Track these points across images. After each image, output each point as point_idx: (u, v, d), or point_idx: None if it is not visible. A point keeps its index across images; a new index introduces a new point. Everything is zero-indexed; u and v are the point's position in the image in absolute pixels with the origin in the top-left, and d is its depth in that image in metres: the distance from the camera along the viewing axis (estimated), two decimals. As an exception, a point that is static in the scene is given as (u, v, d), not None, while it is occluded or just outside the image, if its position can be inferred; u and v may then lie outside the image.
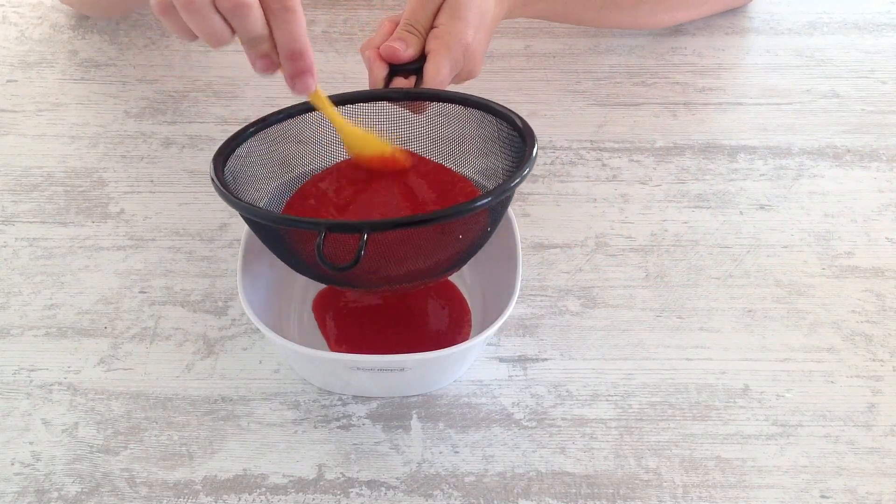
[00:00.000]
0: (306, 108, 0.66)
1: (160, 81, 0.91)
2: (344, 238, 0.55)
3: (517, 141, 0.63)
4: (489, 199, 0.57)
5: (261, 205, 0.64)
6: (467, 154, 0.67)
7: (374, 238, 0.54)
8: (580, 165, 0.83)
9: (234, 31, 0.54)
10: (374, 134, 0.65)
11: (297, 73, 0.57)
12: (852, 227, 0.78)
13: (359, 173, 0.66)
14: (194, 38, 0.55)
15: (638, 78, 0.92)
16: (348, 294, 0.71)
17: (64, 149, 0.84)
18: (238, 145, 0.64)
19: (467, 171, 0.67)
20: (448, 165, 0.67)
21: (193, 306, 0.72)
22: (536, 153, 0.60)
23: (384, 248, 0.57)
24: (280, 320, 0.69)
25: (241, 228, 0.72)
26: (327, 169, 0.67)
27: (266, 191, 0.65)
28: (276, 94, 0.88)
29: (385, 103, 0.68)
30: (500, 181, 0.63)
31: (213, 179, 0.59)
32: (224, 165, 0.62)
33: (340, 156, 0.68)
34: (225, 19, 0.53)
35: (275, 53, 0.56)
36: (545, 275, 0.74)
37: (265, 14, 0.54)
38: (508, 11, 0.79)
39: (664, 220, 0.78)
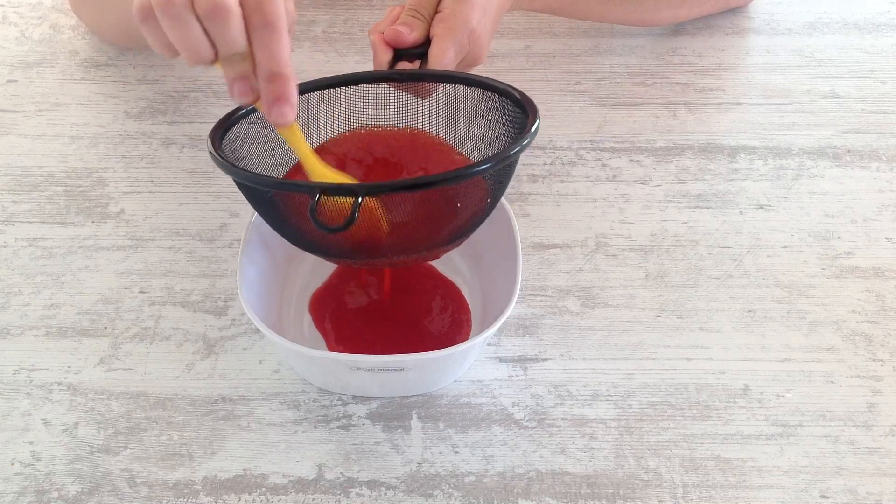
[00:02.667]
0: (309, 87, 0.66)
1: (160, 81, 0.91)
2: (339, 202, 0.55)
3: (520, 117, 0.62)
4: (488, 164, 0.56)
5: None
6: (471, 133, 0.67)
7: (369, 202, 0.54)
8: (580, 165, 0.83)
9: (214, 48, 0.52)
10: (345, 175, 0.62)
11: (275, 99, 0.52)
12: (852, 227, 0.78)
13: (358, 146, 0.66)
14: (174, 53, 0.53)
15: (638, 78, 0.92)
16: (345, 294, 0.71)
17: (64, 149, 0.84)
18: (237, 121, 0.63)
19: (471, 150, 0.67)
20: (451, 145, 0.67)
21: (193, 306, 0.72)
22: (538, 124, 0.59)
23: (380, 215, 0.57)
24: (280, 320, 0.69)
25: (241, 228, 0.72)
26: (326, 142, 0.67)
27: (266, 167, 0.65)
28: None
29: (388, 87, 0.68)
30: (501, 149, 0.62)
31: (210, 152, 0.59)
32: (222, 138, 0.61)
33: (339, 130, 0.68)
34: (205, 31, 0.51)
35: (254, 78, 0.53)
36: (545, 275, 0.74)
37: (247, 31, 0.51)
38: (516, 1, 0.79)
39: (664, 220, 0.78)
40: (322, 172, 0.60)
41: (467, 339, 0.67)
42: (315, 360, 0.64)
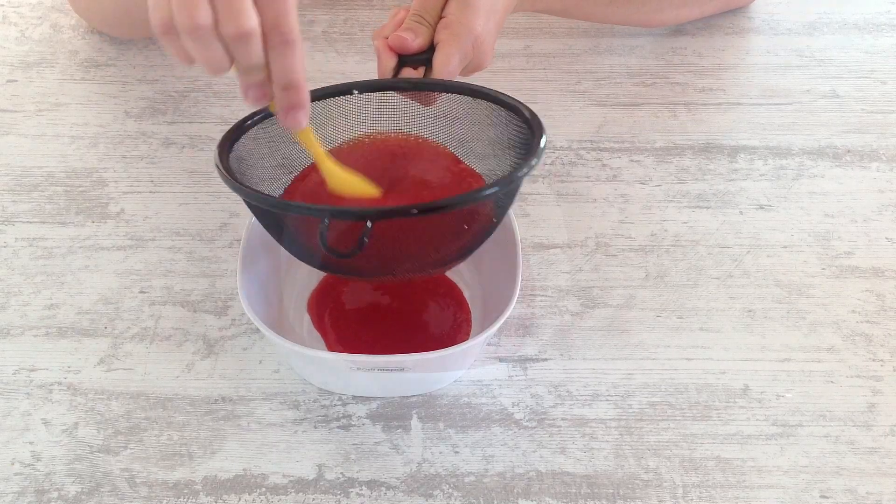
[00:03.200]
0: (314, 96, 0.66)
1: (160, 81, 0.91)
2: (348, 224, 0.55)
3: (525, 132, 0.62)
4: (496, 188, 0.56)
5: (266, 191, 0.63)
6: (475, 145, 0.67)
7: (378, 225, 0.54)
8: (580, 165, 0.83)
9: (233, 61, 0.54)
10: (361, 178, 0.62)
11: (290, 107, 0.55)
12: (852, 227, 0.78)
13: (361, 155, 0.66)
14: (192, 62, 0.54)
15: (638, 78, 0.92)
16: (344, 294, 0.71)
17: (64, 149, 0.84)
18: (243, 133, 0.63)
19: (475, 162, 0.67)
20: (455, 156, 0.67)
21: (193, 306, 0.72)
22: (545, 145, 0.60)
23: (388, 236, 0.57)
24: (280, 320, 0.69)
25: (241, 228, 0.72)
26: (331, 150, 0.67)
27: (271, 179, 0.65)
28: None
29: (393, 93, 0.68)
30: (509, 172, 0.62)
31: (217, 167, 0.59)
32: (229, 153, 0.61)
33: (343, 137, 0.68)
34: (225, 47, 0.53)
35: (269, 84, 0.55)
36: (545, 275, 0.74)
37: (264, 45, 0.53)
38: (519, 3, 0.79)
39: (664, 220, 0.78)
40: (335, 172, 0.61)
41: (467, 339, 0.67)
42: (315, 360, 0.64)
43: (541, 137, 0.60)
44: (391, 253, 0.58)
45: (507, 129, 0.64)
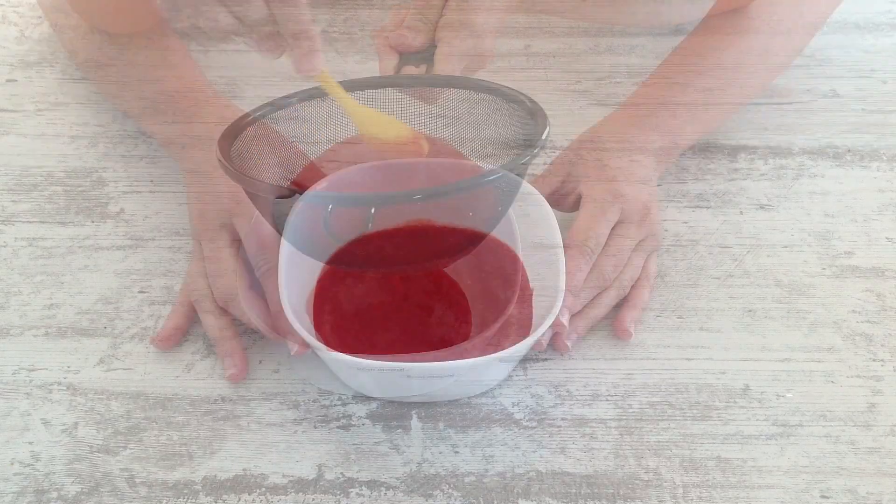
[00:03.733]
0: (312, 94, 0.66)
1: (160, 81, 0.91)
2: (351, 212, 0.55)
3: (529, 123, 0.63)
4: (499, 174, 0.56)
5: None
6: (478, 136, 0.67)
7: (382, 212, 0.54)
8: (580, 165, 0.82)
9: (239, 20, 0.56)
10: (390, 116, 0.64)
11: (303, 54, 0.58)
12: (852, 227, 0.78)
13: (369, 152, 0.66)
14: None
15: (638, 78, 0.91)
16: (344, 294, 0.71)
17: (64, 148, 0.84)
18: (243, 129, 0.63)
19: (479, 153, 0.67)
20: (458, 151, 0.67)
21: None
22: (549, 132, 0.60)
23: (392, 225, 0.57)
24: (280, 320, 0.69)
25: (241, 228, 0.72)
26: (333, 147, 0.67)
27: (272, 171, 0.65)
28: (276, 93, 0.88)
29: (394, 92, 0.68)
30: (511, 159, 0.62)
31: (220, 160, 0.59)
32: (231, 146, 0.61)
33: (345, 135, 0.68)
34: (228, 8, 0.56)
35: (279, 36, 0.58)
36: (545, 275, 0.74)
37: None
38: (520, 2, 0.79)
39: (664, 220, 0.78)
40: (362, 113, 0.63)
41: (467, 338, 0.67)
42: (315, 360, 0.63)
43: (544, 125, 0.60)
44: (395, 240, 0.58)
45: (511, 120, 0.64)
